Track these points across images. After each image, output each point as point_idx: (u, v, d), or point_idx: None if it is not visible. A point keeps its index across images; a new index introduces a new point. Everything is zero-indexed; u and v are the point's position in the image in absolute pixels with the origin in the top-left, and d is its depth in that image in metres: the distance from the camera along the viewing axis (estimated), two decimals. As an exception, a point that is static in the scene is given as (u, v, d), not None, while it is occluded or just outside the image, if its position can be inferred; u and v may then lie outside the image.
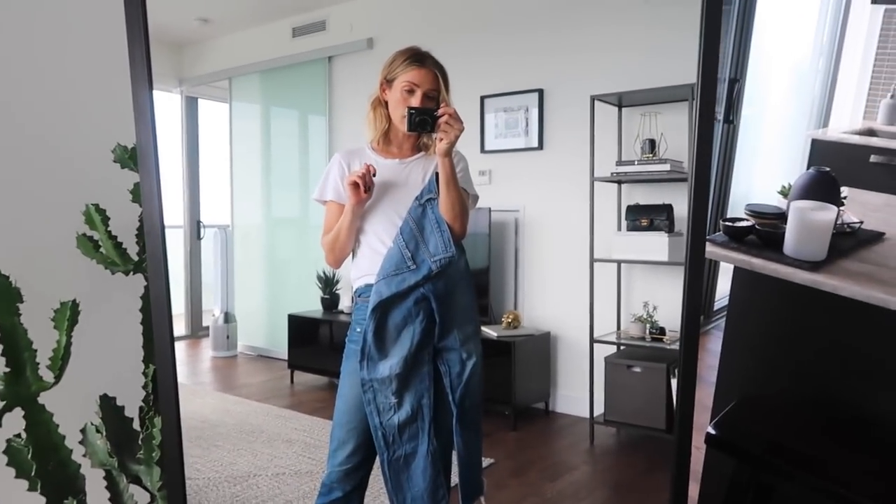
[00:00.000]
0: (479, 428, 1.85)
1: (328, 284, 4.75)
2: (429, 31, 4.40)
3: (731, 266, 1.91)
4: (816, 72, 2.53)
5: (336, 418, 1.81)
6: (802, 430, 1.85)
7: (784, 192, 2.02)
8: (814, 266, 1.75)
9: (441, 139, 1.70)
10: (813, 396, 1.88)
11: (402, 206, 1.78)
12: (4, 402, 1.38)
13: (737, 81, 2.11)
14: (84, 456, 1.52)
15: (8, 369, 1.37)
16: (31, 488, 1.41)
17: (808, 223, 1.78)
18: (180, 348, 5.94)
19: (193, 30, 5.64)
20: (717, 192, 2.13)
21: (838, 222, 1.86)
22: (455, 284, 1.77)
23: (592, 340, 3.50)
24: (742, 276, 1.91)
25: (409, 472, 1.75)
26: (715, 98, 1.42)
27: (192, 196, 6.24)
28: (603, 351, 3.52)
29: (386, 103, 1.83)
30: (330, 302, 4.75)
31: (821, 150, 2.27)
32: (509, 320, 3.89)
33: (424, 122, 1.72)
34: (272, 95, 5.61)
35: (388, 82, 1.81)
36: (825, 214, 1.78)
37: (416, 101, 1.75)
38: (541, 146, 4.05)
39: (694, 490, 1.85)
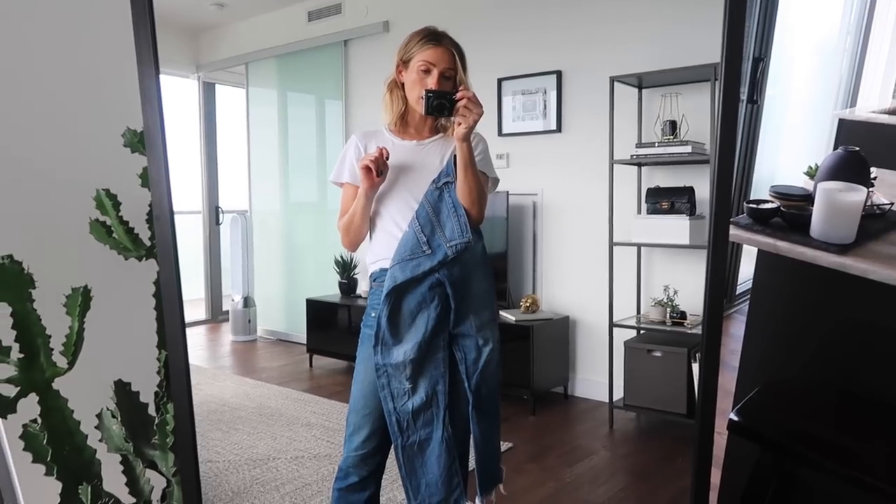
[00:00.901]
0: (496, 416, 1.82)
1: (346, 269, 4.76)
2: (445, 13, 4.35)
3: (755, 249, 1.87)
4: (844, 50, 2.45)
5: (352, 403, 1.80)
6: (827, 417, 1.81)
7: (811, 173, 1.97)
8: (842, 249, 1.70)
9: (459, 123, 1.65)
10: (839, 382, 1.83)
11: (418, 189, 1.75)
12: (19, 388, 1.38)
13: (761, 60, 2.05)
14: (100, 441, 1.53)
15: (22, 355, 1.37)
16: (48, 473, 1.42)
17: (837, 205, 1.73)
18: (201, 332, 5.99)
19: (209, 15, 5.63)
20: (741, 173, 2.08)
21: (867, 204, 1.80)
22: (471, 270, 1.74)
23: (612, 324, 3.47)
24: (766, 260, 1.87)
25: (423, 458, 1.73)
26: (740, 77, 1.37)
27: (211, 181, 6.28)
28: (623, 335, 3.49)
29: (402, 85, 1.80)
30: (348, 286, 4.76)
31: (848, 130, 2.21)
32: (528, 304, 3.87)
33: (442, 105, 1.67)
34: (288, 80, 5.59)
35: (404, 63, 1.78)
36: (854, 195, 1.73)
37: (432, 81, 1.72)
38: (559, 129, 4.00)
39: (716, 476, 1.82)
